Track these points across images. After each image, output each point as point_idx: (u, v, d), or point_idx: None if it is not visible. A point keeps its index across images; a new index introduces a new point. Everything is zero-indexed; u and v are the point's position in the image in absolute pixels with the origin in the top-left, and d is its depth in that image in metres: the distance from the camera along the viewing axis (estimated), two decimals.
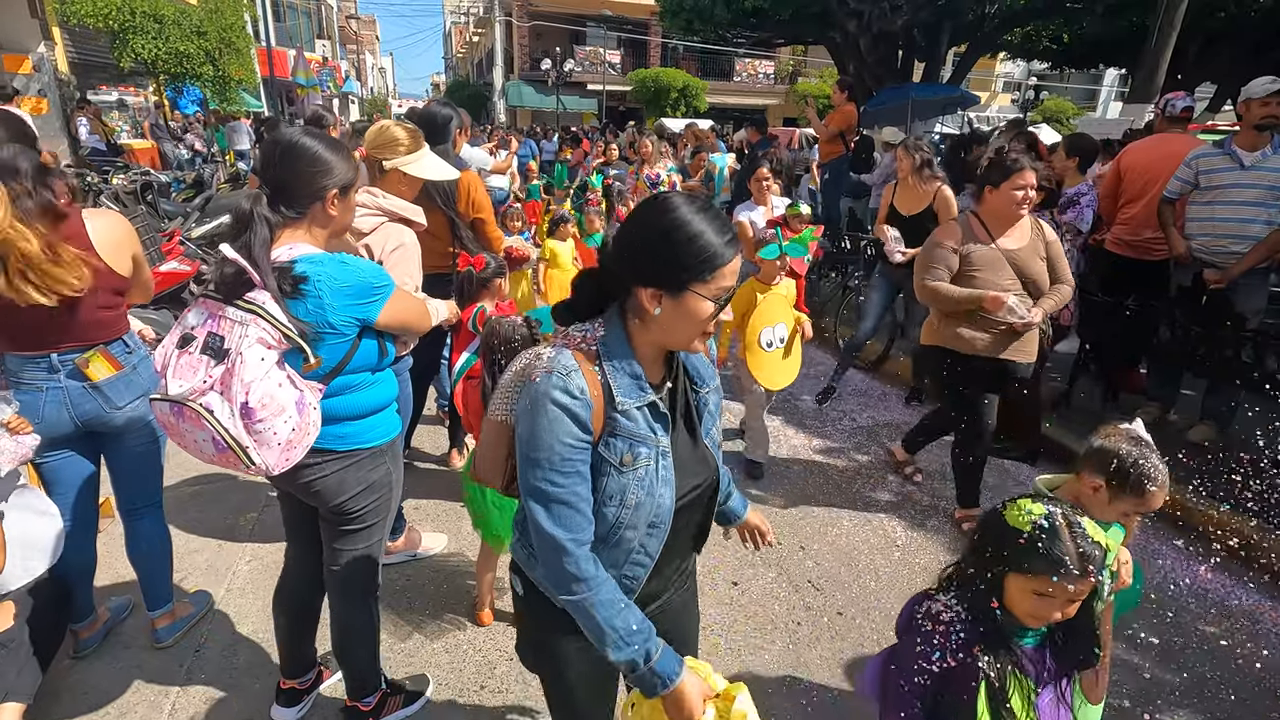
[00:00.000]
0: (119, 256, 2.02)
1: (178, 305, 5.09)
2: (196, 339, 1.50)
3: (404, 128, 2.46)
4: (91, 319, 2.01)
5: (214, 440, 1.46)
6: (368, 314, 1.65)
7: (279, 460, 1.53)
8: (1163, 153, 4.07)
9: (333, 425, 1.68)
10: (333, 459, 1.72)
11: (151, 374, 2.14)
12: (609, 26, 28.00)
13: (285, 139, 1.62)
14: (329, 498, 1.76)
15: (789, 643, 2.55)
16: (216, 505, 3.27)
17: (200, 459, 1.54)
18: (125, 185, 7.33)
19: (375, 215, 2.38)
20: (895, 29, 10.19)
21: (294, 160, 1.59)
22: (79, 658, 2.32)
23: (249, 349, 1.46)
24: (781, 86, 31.07)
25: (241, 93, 17.39)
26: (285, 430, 1.51)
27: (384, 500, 1.87)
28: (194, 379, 1.46)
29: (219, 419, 1.45)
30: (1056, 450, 3.98)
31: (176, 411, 1.47)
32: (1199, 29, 8.86)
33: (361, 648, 2.00)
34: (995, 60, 26.56)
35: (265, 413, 1.47)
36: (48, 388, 2.02)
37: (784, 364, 3.54)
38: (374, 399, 1.78)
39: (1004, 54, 16.03)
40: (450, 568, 2.88)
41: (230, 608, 2.61)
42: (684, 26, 12.91)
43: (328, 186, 1.62)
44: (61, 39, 13.89)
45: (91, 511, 2.29)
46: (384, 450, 1.82)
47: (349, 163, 1.68)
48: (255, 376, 1.46)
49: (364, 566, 1.91)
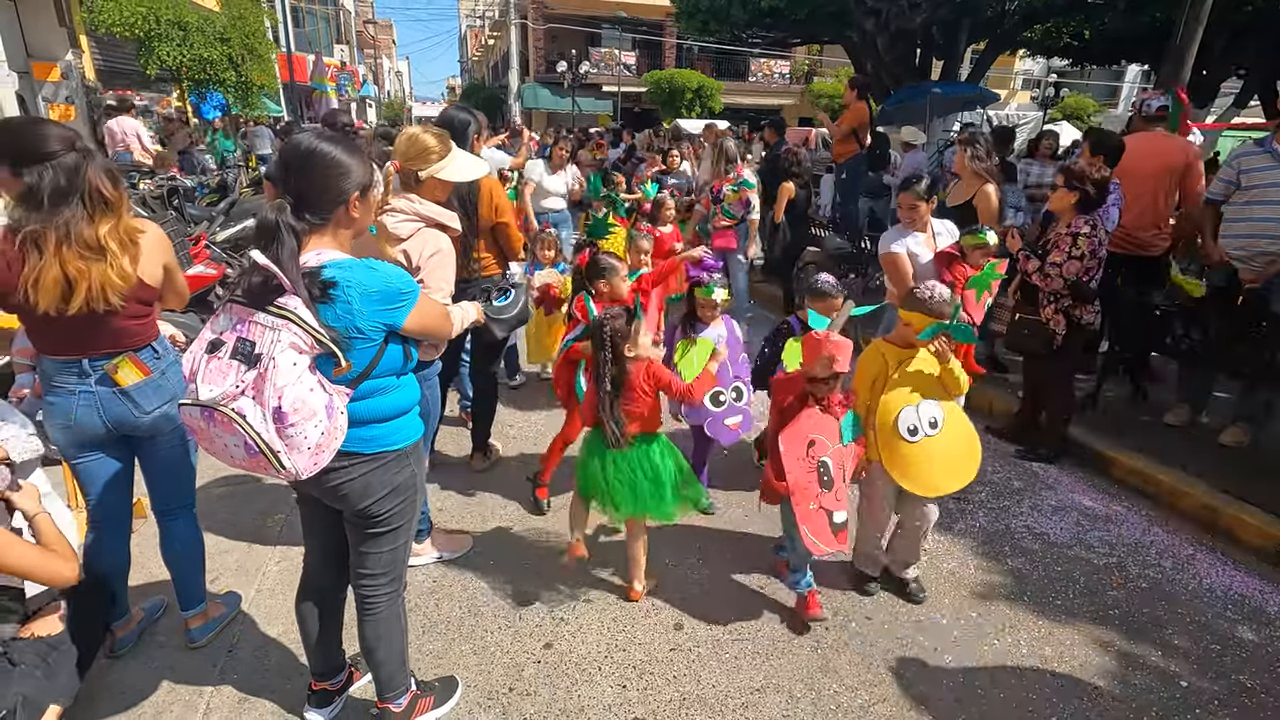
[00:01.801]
0: (150, 266, 2.02)
1: (205, 309, 5.16)
2: (226, 344, 1.50)
3: (432, 134, 2.48)
4: (121, 327, 2.03)
5: (246, 445, 1.46)
6: (394, 319, 1.67)
7: (309, 464, 1.54)
8: (1145, 151, 4.17)
9: (359, 428, 1.69)
10: (360, 462, 1.73)
11: (180, 379, 2.16)
12: (624, 28, 28.03)
13: (302, 146, 1.62)
14: (355, 501, 1.77)
15: (814, 645, 2.54)
16: (246, 507, 3.31)
17: (228, 464, 1.55)
18: (152, 190, 7.45)
19: (413, 221, 2.40)
20: (913, 27, 10.08)
21: (313, 167, 1.61)
22: (115, 657, 2.36)
23: (281, 354, 1.46)
24: (797, 86, 30.92)
25: (263, 98, 17.61)
26: (315, 434, 1.52)
27: (409, 503, 1.88)
28: (225, 384, 1.46)
29: (251, 424, 1.45)
30: (1081, 451, 3.93)
31: (207, 416, 1.47)
32: (1225, 23, 8.68)
33: (389, 648, 2.01)
34: (1015, 58, 26.26)
35: (297, 417, 1.48)
36: (79, 391, 2.06)
37: (945, 457, 2.54)
38: (399, 402, 1.79)
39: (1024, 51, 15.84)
40: (475, 569, 2.90)
41: (261, 608, 2.64)
42: (700, 27, 12.87)
43: (348, 190, 1.64)
44: (89, 47, 14.15)
45: (124, 512, 2.32)
46: (408, 453, 1.84)
47: (365, 163, 1.69)
48: (288, 381, 1.47)
49: (392, 573, 1.93)
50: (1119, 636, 2.62)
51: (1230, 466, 3.64)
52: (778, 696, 2.31)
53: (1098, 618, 2.72)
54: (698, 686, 2.33)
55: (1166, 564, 3.07)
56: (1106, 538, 3.26)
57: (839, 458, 2.47)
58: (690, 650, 2.49)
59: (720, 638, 2.56)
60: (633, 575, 2.73)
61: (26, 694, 1.59)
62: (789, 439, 2.40)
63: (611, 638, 2.54)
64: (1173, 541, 3.24)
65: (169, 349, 2.22)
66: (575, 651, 2.48)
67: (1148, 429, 4.09)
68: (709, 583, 2.86)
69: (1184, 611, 2.77)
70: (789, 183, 5.89)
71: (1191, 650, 2.56)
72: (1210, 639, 2.62)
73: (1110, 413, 4.28)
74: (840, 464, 2.47)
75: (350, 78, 28.86)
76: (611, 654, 2.47)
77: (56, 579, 1.77)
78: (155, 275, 2.05)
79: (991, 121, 13.81)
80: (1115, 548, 3.18)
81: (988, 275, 3.07)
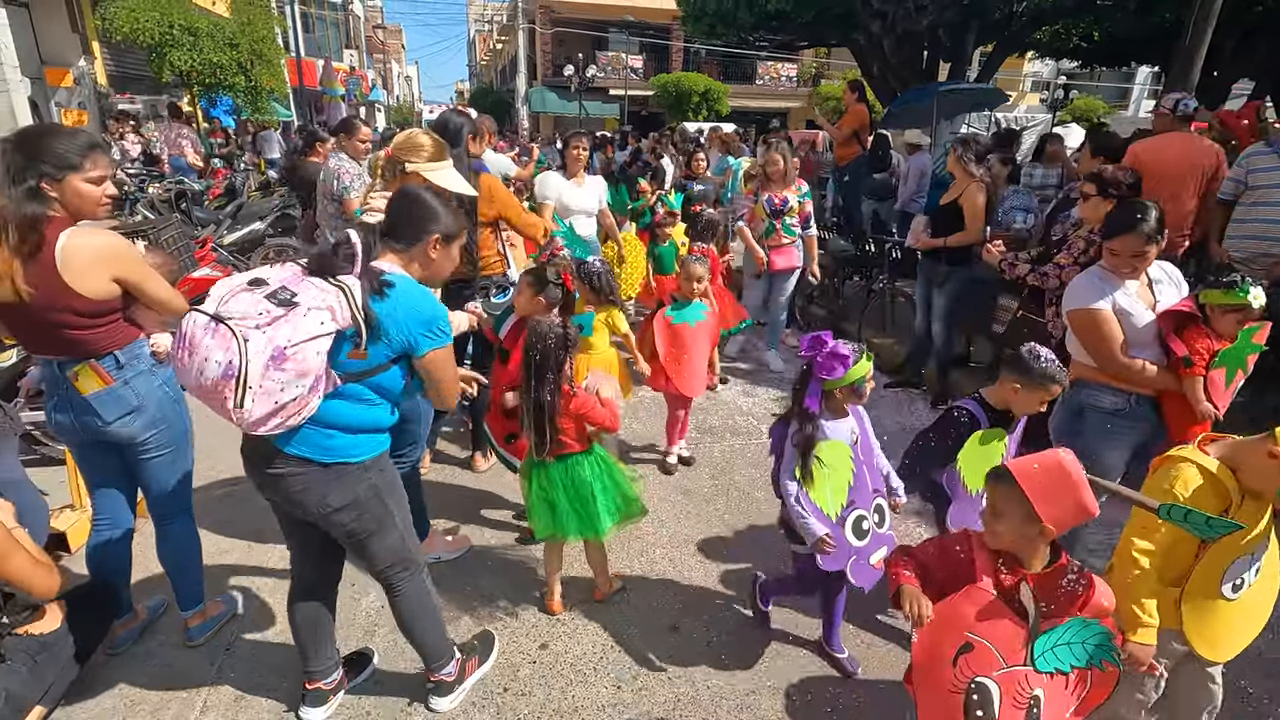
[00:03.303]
0: (84, 278, 1.89)
1: None
2: (268, 285, 1.60)
3: (431, 137, 2.54)
4: (59, 336, 1.95)
5: (228, 366, 1.48)
6: (419, 344, 1.77)
7: (261, 417, 1.56)
8: (1177, 151, 4.08)
9: (324, 430, 1.72)
10: (316, 469, 1.76)
11: (148, 393, 2.11)
12: (631, 32, 28.03)
13: (411, 193, 1.91)
14: (313, 507, 1.80)
15: (810, 649, 2.52)
16: (246, 507, 3.33)
17: (190, 385, 1.55)
18: (160, 194, 7.53)
19: None
20: (920, 29, 10.04)
21: (411, 205, 1.87)
22: (114, 654, 2.38)
23: (317, 309, 1.57)
24: (804, 89, 30.86)
25: (272, 102, 17.75)
26: (288, 395, 1.56)
27: (371, 512, 1.88)
28: (248, 309, 1.54)
29: (249, 350, 1.49)
30: None
31: (210, 328, 1.51)
32: (1236, 23, 8.60)
33: (426, 622, 2.09)
34: (1023, 60, 26.11)
35: (290, 365, 1.53)
36: (56, 394, 2.09)
37: (1255, 604, 1.86)
38: (371, 419, 1.82)
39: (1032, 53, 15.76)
40: (472, 570, 2.90)
41: (259, 608, 2.66)
42: (706, 30, 12.86)
43: (432, 230, 1.85)
44: (101, 53, 14.32)
45: (122, 512, 2.34)
46: (368, 466, 1.85)
47: (459, 220, 1.93)
48: (307, 334, 1.55)
49: (397, 562, 2.00)
50: None
51: None
52: (773, 699, 2.30)
53: None
54: (692, 688, 2.33)
55: None
56: (1110, 541, 3.21)
57: (1014, 689, 1.51)
58: (685, 652, 2.49)
59: (715, 640, 2.55)
60: (596, 581, 2.73)
61: (11, 690, 1.61)
62: (931, 630, 1.58)
63: (607, 639, 2.54)
64: None
65: (139, 360, 2.13)
66: (570, 652, 2.47)
67: None
68: (705, 584, 2.86)
69: None
70: None
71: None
72: None
73: None
74: (1017, 696, 1.51)
75: (359, 82, 29.04)
76: (607, 655, 2.46)
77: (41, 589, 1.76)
78: (93, 288, 1.91)
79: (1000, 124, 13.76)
80: None
81: (1243, 349, 2.22)
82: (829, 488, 2.15)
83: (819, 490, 2.14)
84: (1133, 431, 2.42)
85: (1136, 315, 2.33)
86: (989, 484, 1.60)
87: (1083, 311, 2.39)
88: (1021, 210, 5.01)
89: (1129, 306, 2.34)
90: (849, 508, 2.17)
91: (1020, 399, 2.23)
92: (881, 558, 2.19)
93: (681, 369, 3.59)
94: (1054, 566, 1.56)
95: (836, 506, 2.16)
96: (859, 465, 2.20)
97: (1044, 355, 2.18)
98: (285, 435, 1.69)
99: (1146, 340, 2.33)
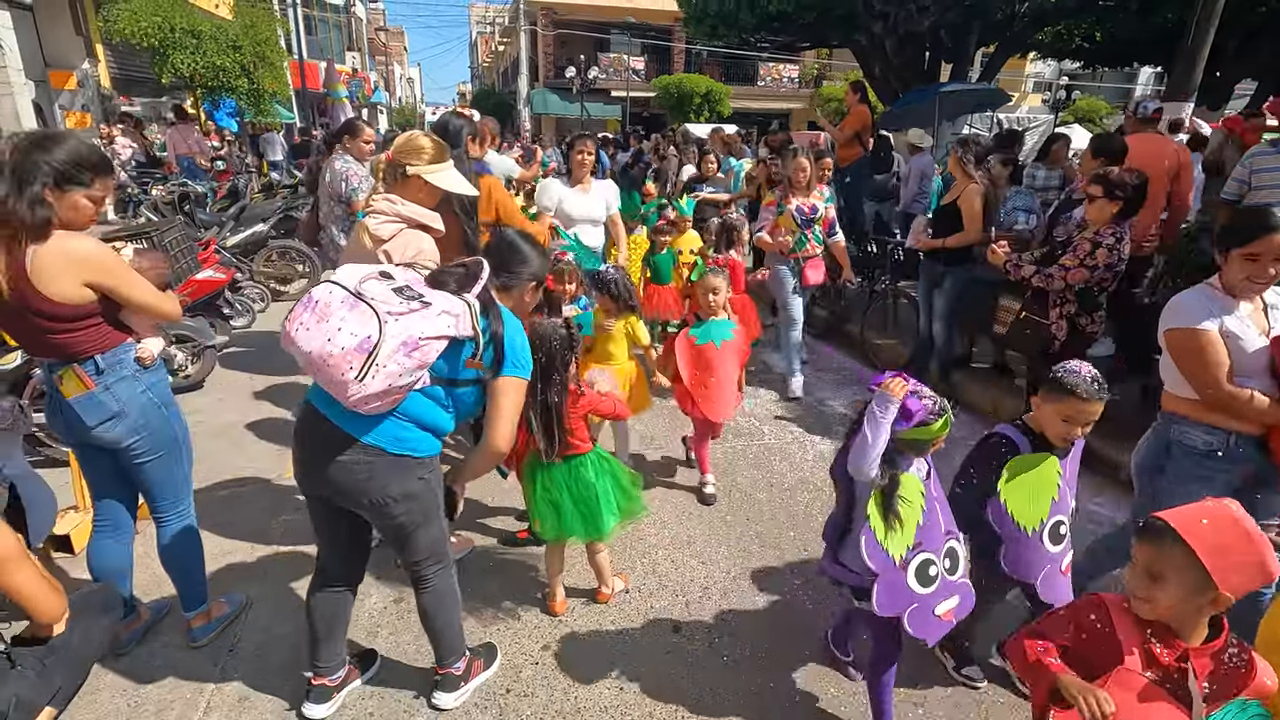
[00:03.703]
0: (53, 282, 1.88)
1: (213, 312, 5.22)
2: (395, 281, 1.75)
3: (431, 139, 2.53)
4: (40, 339, 1.97)
5: (364, 340, 1.59)
6: (506, 368, 1.91)
7: (372, 395, 1.66)
8: (1148, 152, 4.13)
9: (399, 422, 1.83)
10: (385, 459, 1.84)
11: (130, 397, 2.10)
12: (633, 33, 28.06)
13: (508, 239, 2.14)
14: (373, 494, 1.85)
15: (813, 650, 2.52)
16: (249, 508, 3.34)
17: (309, 347, 1.61)
18: (163, 196, 7.55)
19: (394, 222, 2.44)
20: (922, 30, 10.05)
21: (507, 250, 2.09)
22: (118, 654, 2.38)
23: (447, 315, 1.73)
24: (806, 90, 30.87)
25: (275, 104, 17.80)
26: (402, 381, 1.68)
27: (423, 505, 1.96)
28: (387, 296, 1.67)
29: (387, 333, 1.61)
30: (1089, 455, 3.88)
31: (349, 303, 1.63)
32: (1239, 24, 8.61)
33: (447, 618, 2.15)
34: (1025, 60, 26.08)
35: (417, 355, 1.66)
36: (50, 394, 2.12)
37: None
38: (440, 422, 1.93)
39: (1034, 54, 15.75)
40: (474, 571, 2.90)
41: (262, 608, 2.66)
42: (708, 32, 12.87)
43: (527, 276, 2.09)
44: (104, 55, 14.37)
45: (121, 514, 2.35)
46: (426, 463, 1.93)
47: (545, 262, 2.17)
48: (436, 331, 1.70)
49: (434, 555, 2.07)
50: None
51: None
52: (776, 700, 2.30)
53: None
54: (695, 689, 2.33)
55: None
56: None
57: None
58: (688, 653, 2.49)
59: (718, 641, 2.55)
60: (599, 582, 2.73)
61: (20, 695, 1.61)
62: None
63: (609, 640, 2.54)
64: None
65: (122, 365, 2.10)
66: (573, 653, 2.48)
67: None
68: (707, 585, 2.86)
69: None
70: None
71: None
72: None
73: (1118, 417, 4.23)
74: None
75: (361, 84, 29.10)
76: (609, 656, 2.47)
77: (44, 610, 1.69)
78: (65, 293, 1.90)
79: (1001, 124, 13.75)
80: (1124, 555, 3.14)
81: None
82: (901, 535, 1.87)
83: (882, 528, 1.85)
84: (1229, 474, 2.15)
85: (1247, 340, 2.06)
86: (1140, 542, 1.36)
87: (1185, 332, 2.11)
88: (1024, 211, 5.01)
89: (1238, 330, 2.07)
90: (915, 550, 1.88)
91: (1058, 423, 2.03)
92: (951, 609, 1.93)
93: (709, 393, 3.29)
94: (1217, 640, 1.34)
95: (902, 548, 1.87)
96: (930, 502, 1.92)
97: (1083, 371, 2.00)
98: (365, 425, 1.79)
99: (1256, 369, 2.06)
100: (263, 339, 5.81)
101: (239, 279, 6.18)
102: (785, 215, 4.61)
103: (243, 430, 4.21)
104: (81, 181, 1.93)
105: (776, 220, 4.65)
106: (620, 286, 3.17)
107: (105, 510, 2.31)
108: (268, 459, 3.85)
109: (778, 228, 4.64)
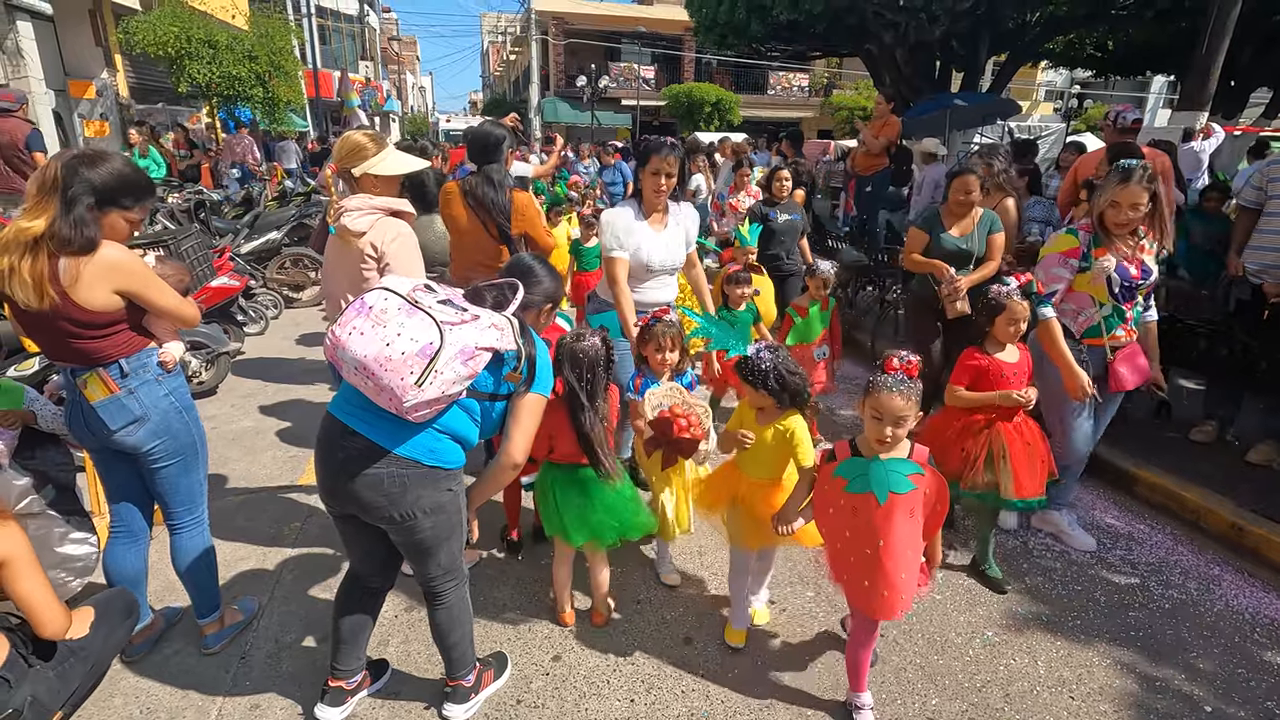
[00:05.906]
0: (86, 290, 1.92)
1: (227, 320, 5.27)
2: (438, 294, 1.80)
3: (365, 134, 2.56)
4: (67, 345, 2.01)
5: (426, 346, 1.62)
6: (532, 384, 1.95)
7: (426, 402, 1.67)
8: None
9: (434, 434, 1.84)
10: (418, 471, 1.83)
11: (153, 401, 2.13)
12: (643, 43, 28.27)
13: (525, 264, 2.22)
14: (404, 506, 1.84)
15: (825, 661, 2.50)
16: (262, 515, 3.36)
17: (364, 352, 1.63)
18: (180, 204, 7.63)
19: (369, 214, 2.50)
20: (933, 39, 10.04)
21: (524, 275, 2.13)
22: (131, 661, 2.40)
23: (494, 328, 1.78)
24: (816, 99, 30.91)
25: (289, 113, 17.97)
26: (454, 389, 1.70)
27: (448, 518, 1.95)
28: (440, 308, 1.72)
29: (448, 340, 1.65)
30: (1104, 468, 3.85)
31: (408, 309, 1.67)
32: (1253, 32, 8.56)
33: (460, 632, 2.15)
34: (1037, 69, 26.02)
35: (471, 364, 1.70)
36: (70, 399, 2.15)
37: None
38: (469, 434, 1.94)
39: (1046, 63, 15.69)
40: (483, 582, 2.90)
41: (274, 615, 2.67)
42: (718, 41, 12.93)
43: (537, 298, 2.15)
44: (123, 65, 14.59)
45: (137, 520, 2.37)
46: (455, 475, 1.94)
47: (559, 285, 2.26)
48: (487, 343, 1.74)
49: (451, 570, 2.06)
50: (1141, 659, 2.55)
51: (1258, 484, 3.55)
52: (787, 712, 2.28)
53: (1119, 639, 2.65)
54: (707, 701, 2.31)
55: (1191, 585, 2.99)
56: (1129, 556, 3.18)
57: None
58: (699, 664, 2.47)
59: (729, 654, 2.53)
60: (595, 601, 2.69)
61: (38, 695, 1.62)
62: None
63: (620, 651, 2.53)
64: (1198, 561, 3.16)
65: (145, 369, 2.13)
66: (583, 664, 2.47)
67: (1172, 446, 4.00)
68: (717, 596, 2.84)
69: (1209, 634, 2.70)
70: (799, 191, 5.91)
71: (1217, 674, 2.49)
72: (1237, 663, 2.54)
73: (1134, 429, 4.19)
74: None
75: (374, 93, 29.37)
76: (620, 667, 2.46)
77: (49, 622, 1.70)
78: (92, 300, 1.94)
79: (1013, 133, 13.69)
80: (1138, 567, 3.11)
81: None
82: None
83: None
84: None
85: None
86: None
87: None
88: (1039, 222, 4.95)
89: None
90: None
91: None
92: None
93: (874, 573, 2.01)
94: None
95: None
96: None
97: None
98: (399, 437, 1.80)
99: None
100: (276, 346, 5.85)
101: (252, 286, 6.24)
102: (1093, 276, 2.82)
103: (256, 436, 4.24)
104: (124, 205, 2.00)
105: (1071, 284, 2.89)
106: (786, 379, 2.23)
107: (121, 515, 2.33)
108: (281, 465, 3.87)
109: (1073, 294, 2.91)
